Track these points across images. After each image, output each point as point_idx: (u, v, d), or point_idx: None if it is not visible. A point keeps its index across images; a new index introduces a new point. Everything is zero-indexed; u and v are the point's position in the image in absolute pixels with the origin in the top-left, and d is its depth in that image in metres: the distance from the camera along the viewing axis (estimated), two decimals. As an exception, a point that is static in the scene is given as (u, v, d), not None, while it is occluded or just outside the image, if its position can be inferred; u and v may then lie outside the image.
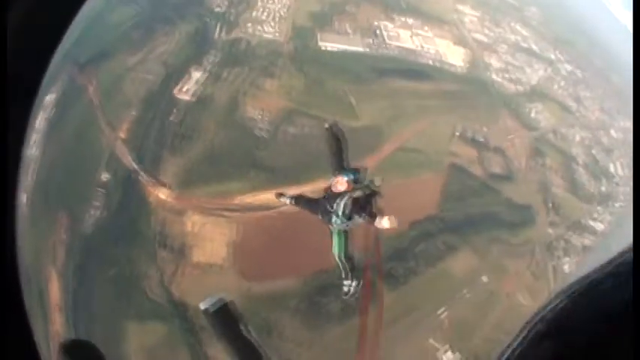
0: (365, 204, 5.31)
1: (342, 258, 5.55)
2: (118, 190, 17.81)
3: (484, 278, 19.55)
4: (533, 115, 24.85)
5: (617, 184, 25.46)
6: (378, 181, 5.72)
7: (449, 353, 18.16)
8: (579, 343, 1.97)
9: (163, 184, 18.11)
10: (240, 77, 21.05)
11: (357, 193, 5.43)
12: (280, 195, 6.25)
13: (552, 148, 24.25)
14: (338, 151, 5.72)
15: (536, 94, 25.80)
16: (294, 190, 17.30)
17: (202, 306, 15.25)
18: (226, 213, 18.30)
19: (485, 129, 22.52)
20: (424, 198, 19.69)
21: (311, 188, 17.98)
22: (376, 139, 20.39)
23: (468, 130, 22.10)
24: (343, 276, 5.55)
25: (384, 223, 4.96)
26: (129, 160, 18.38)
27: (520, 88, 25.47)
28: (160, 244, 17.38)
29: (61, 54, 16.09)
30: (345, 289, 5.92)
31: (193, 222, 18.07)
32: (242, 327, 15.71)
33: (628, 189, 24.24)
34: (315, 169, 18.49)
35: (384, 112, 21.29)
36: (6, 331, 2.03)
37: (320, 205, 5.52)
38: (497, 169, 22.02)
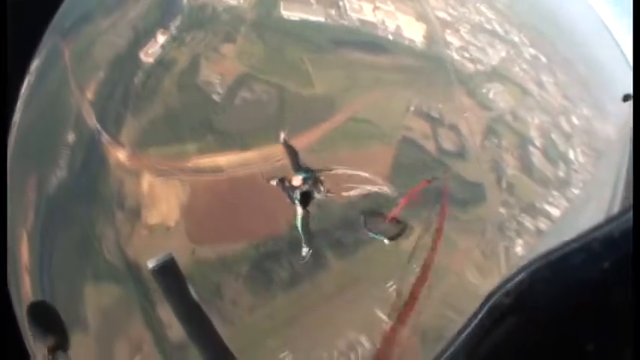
0: (311, 193, 8.28)
1: (302, 230, 8.57)
2: (82, 150, 18.60)
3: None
4: (491, 95, 26.16)
5: (575, 170, 26.60)
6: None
7: None
8: (544, 320, 2.22)
9: (122, 145, 18.96)
10: (202, 42, 22.06)
11: (306, 188, 8.46)
12: (270, 178, 9.27)
13: (509, 129, 25.65)
14: (293, 157, 8.55)
15: (496, 74, 27.12)
16: (244, 155, 19.23)
17: (150, 264, 14.94)
18: (180, 175, 19.21)
19: (440, 105, 23.70)
20: (374, 169, 20.08)
21: (261, 153, 18.99)
22: (330, 107, 21.46)
23: (423, 106, 23.18)
24: (303, 243, 8.64)
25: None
26: (93, 121, 19.16)
27: (480, 67, 26.73)
28: (117, 205, 18.21)
29: (53, 22, 17.58)
30: (303, 254, 9.30)
31: (149, 183, 18.94)
32: (188, 287, 16.72)
33: (588, 176, 25.20)
34: (268, 135, 19.95)
35: (339, 82, 22.28)
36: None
37: (287, 190, 8.35)
38: (450, 146, 23.18)
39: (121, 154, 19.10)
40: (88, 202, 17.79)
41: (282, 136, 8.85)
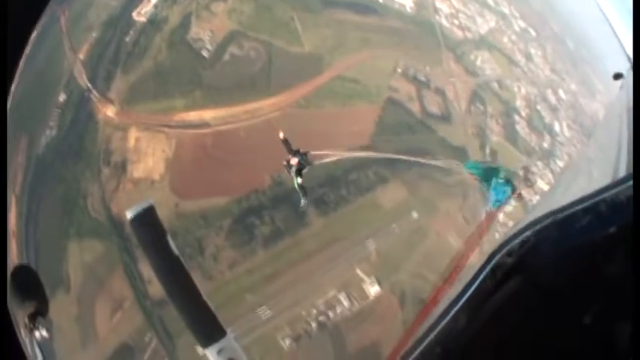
0: (303, 168, 10.24)
1: (300, 190, 10.28)
2: (71, 110, 18.88)
3: (414, 214, 20.94)
4: (478, 63, 26.46)
5: (561, 143, 27.27)
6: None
7: (375, 285, 19.51)
8: (548, 284, 2.20)
9: (111, 102, 19.33)
10: (194, 1, 22.25)
11: (300, 167, 10.28)
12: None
13: (495, 96, 26.02)
14: (288, 147, 10.13)
15: (485, 43, 27.43)
16: (230, 110, 19.43)
17: (129, 214, 17.15)
18: (166, 129, 19.63)
19: (428, 69, 24.04)
20: (359, 128, 20.92)
21: (247, 109, 19.62)
22: (317, 66, 21.86)
23: (410, 68, 23.57)
24: (301, 197, 10.26)
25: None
26: (84, 80, 19.48)
27: (469, 35, 26.97)
28: (103, 161, 18.54)
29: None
30: (302, 204, 10.88)
31: (135, 138, 19.29)
32: (168, 239, 17.71)
33: (572, 149, 25.96)
34: (255, 91, 20.62)
35: (327, 40, 22.64)
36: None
37: (287, 167, 10.21)
38: (435, 109, 23.56)
39: (109, 111, 19.37)
40: (75, 160, 18.06)
41: (281, 134, 10.52)
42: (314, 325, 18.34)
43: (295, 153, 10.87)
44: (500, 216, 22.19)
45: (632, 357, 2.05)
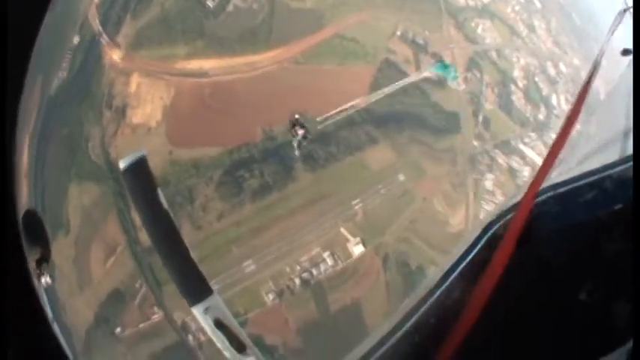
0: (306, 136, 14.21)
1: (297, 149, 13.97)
2: (82, 52, 19.06)
3: (401, 176, 21.35)
4: (479, 31, 26.72)
5: (557, 116, 27.42)
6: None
7: (359, 246, 19.97)
8: (546, 259, 2.26)
9: (119, 46, 19.69)
10: None
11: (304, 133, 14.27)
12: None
13: (493, 65, 26.35)
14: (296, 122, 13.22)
15: (487, 12, 27.56)
16: (230, 60, 19.90)
17: (122, 164, 17.68)
18: (167, 77, 19.98)
19: (427, 33, 24.33)
20: (353, 87, 21.28)
21: (247, 60, 20.63)
22: (318, 22, 22.16)
23: (409, 32, 23.85)
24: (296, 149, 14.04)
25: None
26: (96, 24, 19.65)
27: (471, 3, 27.18)
28: (106, 105, 18.91)
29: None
30: (296, 154, 14.78)
31: (137, 84, 19.68)
32: (157, 191, 18.24)
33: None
34: (255, 43, 21.17)
35: None
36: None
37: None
38: (430, 73, 23.71)
39: (116, 55, 19.80)
40: (80, 102, 18.44)
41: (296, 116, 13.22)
42: (297, 281, 18.88)
43: (301, 125, 13.41)
44: (489, 184, 23.84)
45: (633, 338, 2.02)
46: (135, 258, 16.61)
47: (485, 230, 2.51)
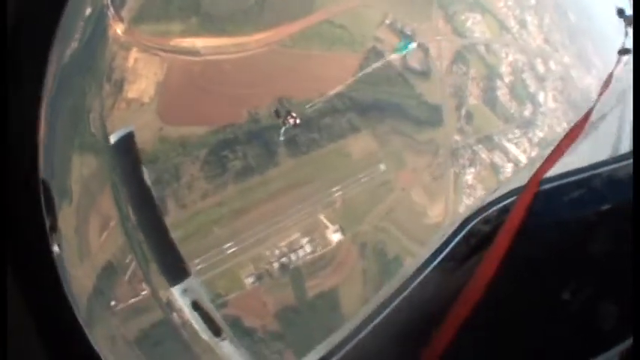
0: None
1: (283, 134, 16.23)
2: (92, 24, 20.04)
3: (381, 166, 23.12)
4: (469, 24, 28.76)
5: (543, 113, 29.76)
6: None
7: (338, 234, 21.64)
8: (526, 254, 2.45)
9: (122, 20, 20.97)
10: None
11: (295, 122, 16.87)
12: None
13: (479, 59, 28.49)
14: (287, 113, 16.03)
15: (479, 5, 29.59)
16: (221, 40, 22.05)
17: (113, 138, 17.65)
18: (161, 53, 21.46)
19: (415, 24, 26.17)
20: (338, 74, 23.00)
21: (237, 41, 21.93)
22: (309, 6, 23.90)
23: (398, 22, 25.63)
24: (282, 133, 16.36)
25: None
26: None
27: None
28: (107, 78, 20.22)
29: None
30: (281, 138, 17.18)
31: (135, 58, 21.13)
32: (142, 168, 17.93)
33: (555, 121, 28.50)
34: (246, 23, 22.69)
35: None
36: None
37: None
38: (416, 65, 25.81)
39: (119, 28, 21.08)
40: (86, 73, 19.49)
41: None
42: (276, 265, 20.40)
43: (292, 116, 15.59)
44: (470, 178, 26.21)
45: (634, 340, 2.10)
46: (125, 233, 17.79)
47: (462, 225, 2.68)
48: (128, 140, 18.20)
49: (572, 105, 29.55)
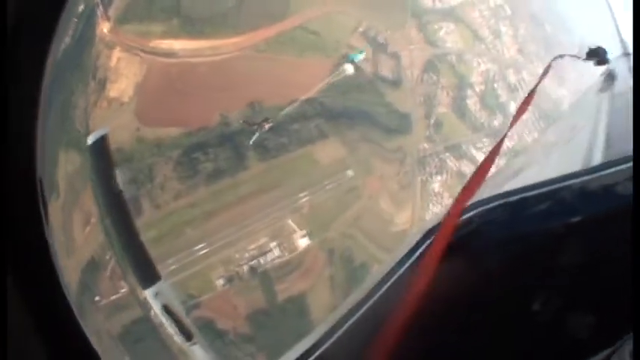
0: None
1: (254, 140, 17.72)
2: (83, 21, 21.55)
3: (349, 173, 24.71)
4: (441, 33, 30.94)
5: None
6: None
7: (305, 239, 23.07)
8: (490, 268, 2.60)
9: (109, 18, 22.45)
10: None
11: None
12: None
13: (450, 69, 30.59)
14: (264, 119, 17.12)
15: (453, 15, 31.82)
16: (198, 43, 23.71)
17: (90, 139, 18.63)
18: (141, 54, 22.91)
19: (388, 32, 28.14)
20: (310, 79, 24.53)
21: (214, 44, 23.88)
22: (284, 11, 25.64)
23: (371, 29, 27.55)
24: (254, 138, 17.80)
25: None
26: None
27: (439, 5, 31.46)
28: (92, 76, 21.61)
29: None
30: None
31: (118, 57, 22.56)
32: (114, 171, 19.18)
33: (525, 131, 30.04)
34: (224, 26, 24.53)
35: None
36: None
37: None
38: (387, 73, 27.69)
39: (105, 27, 22.60)
40: (74, 70, 21.01)
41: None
42: (245, 268, 21.73)
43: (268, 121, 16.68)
44: (437, 186, 28.29)
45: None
46: (105, 231, 19.04)
47: (425, 236, 2.81)
48: (102, 143, 19.49)
49: (544, 116, 31.20)
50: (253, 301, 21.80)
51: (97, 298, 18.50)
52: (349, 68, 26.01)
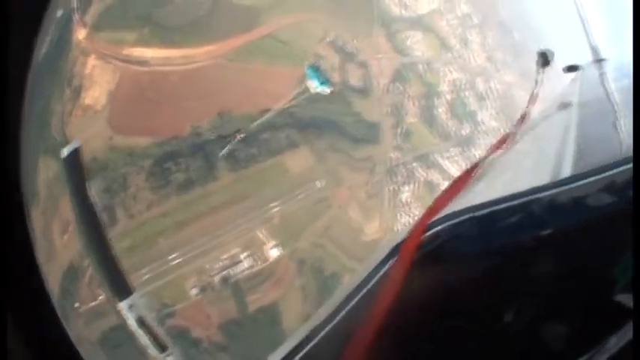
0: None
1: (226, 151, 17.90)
2: (60, 27, 22.42)
3: (318, 183, 26.09)
4: (409, 42, 32.61)
5: (482, 132, 33.49)
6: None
7: (276, 250, 24.33)
8: (459, 282, 2.78)
9: (85, 25, 23.51)
10: None
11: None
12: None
13: (418, 78, 32.18)
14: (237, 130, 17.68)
15: (420, 24, 33.52)
16: (169, 51, 25.24)
17: (64, 152, 19.20)
18: (114, 62, 24.06)
19: (356, 41, 29.71)
20: (279, 88, 25.81)
21: (184, 53, 25.46)
22: (254, 20, 26.99)
23: (339, 38, 29.02)
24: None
25: None
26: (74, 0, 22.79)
27: (405, 13, 33.15)
28: (67, 82, 22.64)
29: None
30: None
31: (92, 65, 23.63)
32: (86, 184, 19.89)
33: (494, 140, 27.46)
34: (195, 35, 25.97)
35: None
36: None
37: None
38: (355, 82, 29.27)
39: (81, 34, 23.74)
40: (52, 76, 22.05)
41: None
42: (217, 278, 22.88)
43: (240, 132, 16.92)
44: (405, 196, 29.64)
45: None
46: (81, 239, 20.07)
47: (394, 250, 3.00)
48: (76, 155, 20.42)
49: (513, 124, 31.34)
50: (226, 311, 22.97)
51: (76, 305, 19.68)
52: (312, 85, 26.66)
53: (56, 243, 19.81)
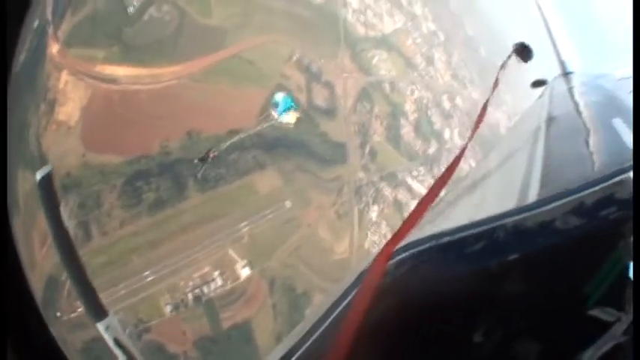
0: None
1: (202, 169, 19.70)
2: (37, 38, 23.11)
3: (287, 203, 28.44)
4: (374, 62, 35.61)
5: (448, 150, 36.15)
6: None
7: (247, 269, 26.53)
8: (425, 308, 2.90)
9: (57, 40, 25.52)
10: None
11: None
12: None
13: (384, 98, 35.02)
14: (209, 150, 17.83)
15: (385, 43, 36.57)
16: (138, 70, 28.38)
17: (38, 175, 16.64)
18: (86, 78, 26.07)
19: (322, 61, 32.31)
20: (245, 108, 27.49)
21: (152, 72, 27.49)
22: (221, 41, 29.45)
23: (305, 58, 31.69)
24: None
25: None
26: (49, 11, 25.15)
27: (371, 33, 36.21)
28: (42, 97, 24.41)
29: None
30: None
31: (65, 80, 25.77)
32: (60, 208, 18.48)
33: (462, 158, 36.01)
34: (162, 55, 28.49)
35: (234, 18, 30.28)
36: None
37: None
38: (321, 102, 31.80)
39: (54, 48, 25.58)
40: (28, 88, 23.09)
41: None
42: (190, 296, 24.78)
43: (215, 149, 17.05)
44: (374, 215, 32.29)
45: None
46: (58, 252, 19.14)
47: (359, 278, 3.08)
48: (48, 180, 18.59)
49: (480, 141, 32.30)
50: (200, 328, 25.08)
51: (58, 314, 21.63)
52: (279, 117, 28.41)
53: (36, 254, 21.40)
